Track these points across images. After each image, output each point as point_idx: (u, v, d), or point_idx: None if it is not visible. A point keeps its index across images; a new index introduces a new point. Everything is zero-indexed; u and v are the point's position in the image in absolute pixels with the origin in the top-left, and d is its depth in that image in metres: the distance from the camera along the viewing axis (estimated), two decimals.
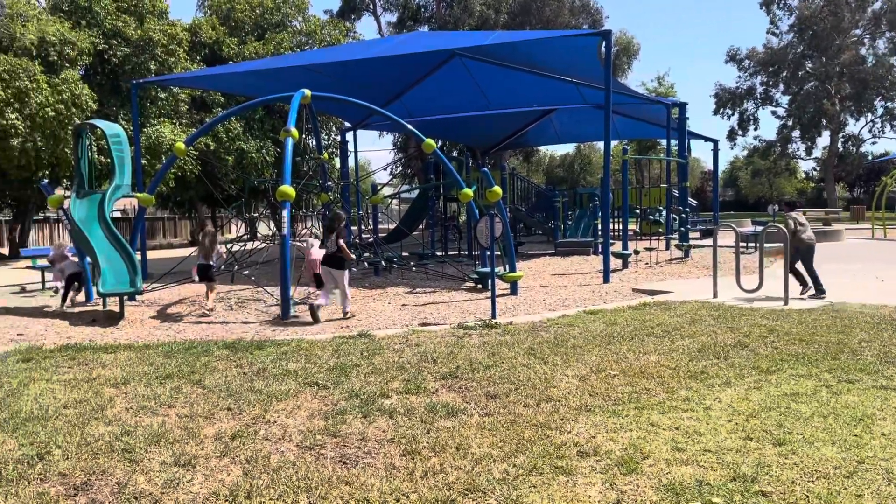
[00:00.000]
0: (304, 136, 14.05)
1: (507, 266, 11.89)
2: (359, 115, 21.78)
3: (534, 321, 8.72)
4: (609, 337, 7.50)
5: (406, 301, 11.11)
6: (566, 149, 76.46)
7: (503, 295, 11.21)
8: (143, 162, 18.87)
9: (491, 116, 23.29)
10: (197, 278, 10.91)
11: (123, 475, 3.94)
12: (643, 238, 21.55)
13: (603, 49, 13.48)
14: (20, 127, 17.91)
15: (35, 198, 22.45)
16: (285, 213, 9.79)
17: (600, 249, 16.41)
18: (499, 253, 12.29)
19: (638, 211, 24.22)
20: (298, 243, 13.07)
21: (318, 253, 11.02)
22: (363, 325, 8.83)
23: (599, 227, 18.24)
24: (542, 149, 65.22)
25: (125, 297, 10.20)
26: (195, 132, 13.60)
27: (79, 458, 4.18)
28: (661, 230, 22.85)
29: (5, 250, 26.16)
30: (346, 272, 9.69)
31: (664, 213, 23.26)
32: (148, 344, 7.77)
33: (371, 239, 15.93)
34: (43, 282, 14.01)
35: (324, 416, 4.94)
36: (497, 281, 10.27)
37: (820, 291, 10.30)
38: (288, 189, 9.79)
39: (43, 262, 14.93)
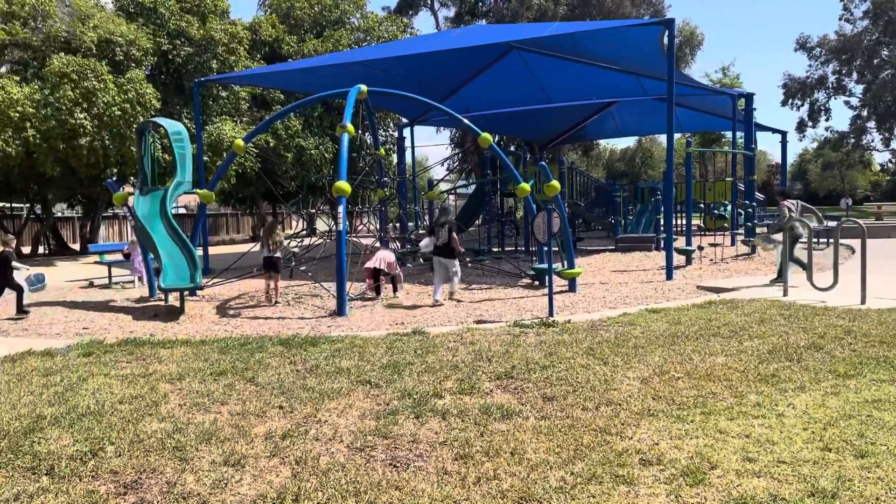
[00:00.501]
0: (360, 131, 14.05)
1: (565, 262, 11.63)
2: (416, 110, 21.74)
3: (593, 320, 8.46)
4: (672, 337, 7.18)
5: (461, 298, 10.96)
6: (627, 142, 75.33)
7: (561, 292, 10.96)
8: (205, 159, 19.23)
9: (549, 110, 22.93)
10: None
11: (173, 474, 3.90)
12: (707, 233, 20.91)
13: (665, 39, 13.08)
14: (88, 126, 18.48)
15: (104, 195, 23.18)
16: (341, 208, 9.77)
17: (662, 245, 15.97)
18: (556, 249, 12.04)
19: (702, 205, 23.56)
20: (354, 239, 13.20)
21: (383, 253, 11.25)
22: (417, 322, 8.72)
23: (662, 222, 17.77)
24: (602, 142, 64.48)
25: (185, 293, 10.36)
26: (254, 129, 13.76)
27: (130, 456, 4.17)
28: (725, 225, 22.15)
29: (77, 246, 27.12)
30: (458, 260, 10.84)
31: (729, 207, 22.56)
32: (204, 339, 7.83)
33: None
34: (110, 277, 14.39)
35: (375, 416, 4.82)
36: (555, 277, 10.02)
37: (782, 279, 10.35)
38: (344, 185, 9.76)
39: (112, 258, 15.38)
